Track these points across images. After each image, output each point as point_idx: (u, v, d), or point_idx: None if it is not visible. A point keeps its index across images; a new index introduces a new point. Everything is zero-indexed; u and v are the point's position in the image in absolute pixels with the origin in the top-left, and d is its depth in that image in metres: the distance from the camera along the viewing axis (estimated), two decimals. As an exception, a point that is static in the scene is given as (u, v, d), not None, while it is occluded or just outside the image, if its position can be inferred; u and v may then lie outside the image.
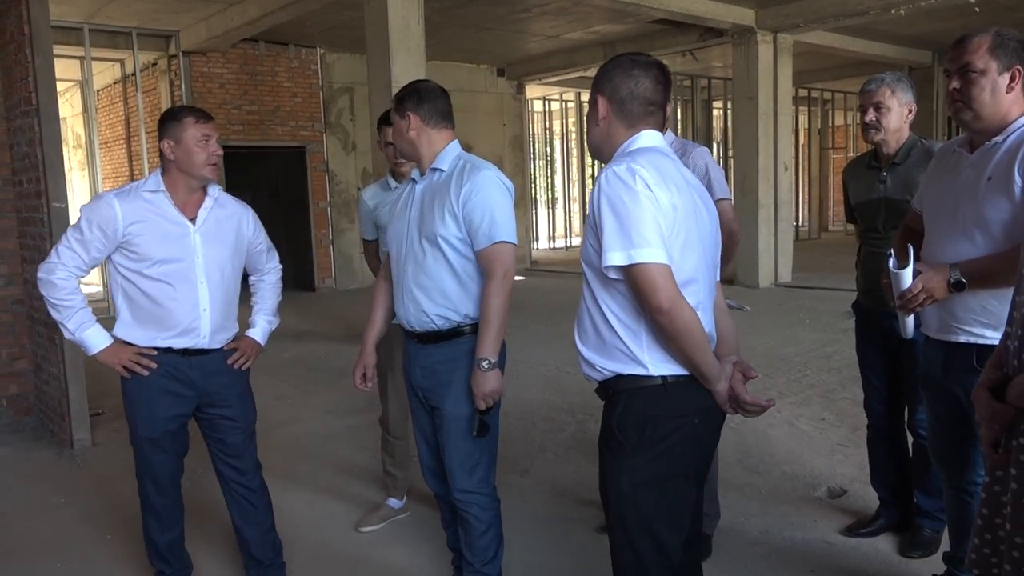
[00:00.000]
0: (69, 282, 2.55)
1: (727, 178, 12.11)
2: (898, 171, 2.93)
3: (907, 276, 2.24)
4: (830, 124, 18.80)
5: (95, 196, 2.56)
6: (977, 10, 9.54)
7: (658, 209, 1.74)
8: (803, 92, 16.30)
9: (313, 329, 8.50)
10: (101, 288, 10.55)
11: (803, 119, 17.48)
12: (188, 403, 2.65)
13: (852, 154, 17.65)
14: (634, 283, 1.74)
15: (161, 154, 2.58)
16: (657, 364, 1.82)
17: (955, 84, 2.18)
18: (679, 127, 15.45)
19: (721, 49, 11.59)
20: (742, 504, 3.49)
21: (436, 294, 2.44)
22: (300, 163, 11.59)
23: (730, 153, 14.71)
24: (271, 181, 12.26)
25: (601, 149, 1.97)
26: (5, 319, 4.99)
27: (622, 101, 1.90)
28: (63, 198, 4.48)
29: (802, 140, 18.00)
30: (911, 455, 3.13)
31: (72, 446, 4.53)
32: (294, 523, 3.12)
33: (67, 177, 4.66)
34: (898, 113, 2.88)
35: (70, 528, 3.52)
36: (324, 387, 6.01)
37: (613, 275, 1.78)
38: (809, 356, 6.44)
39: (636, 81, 1.89)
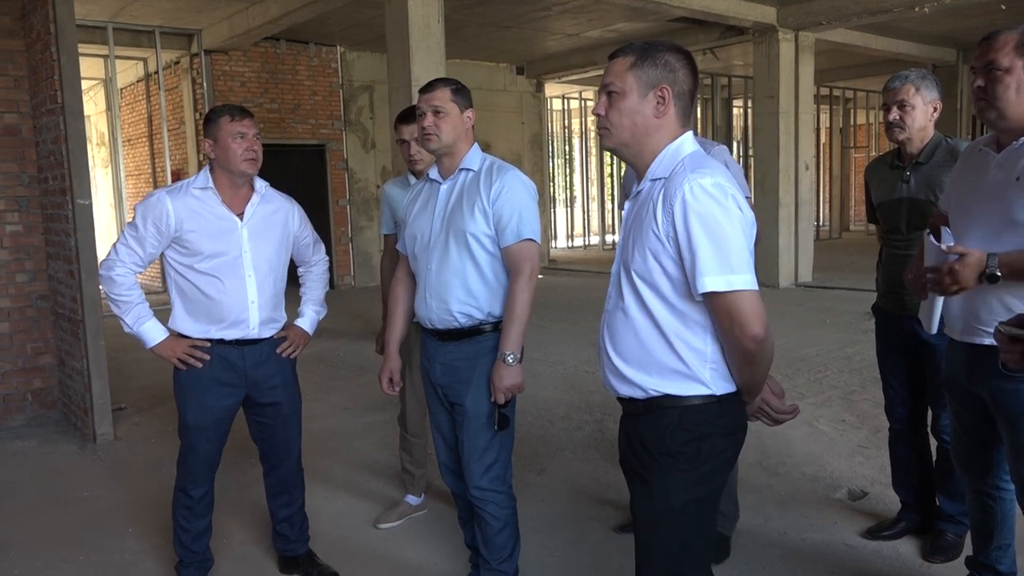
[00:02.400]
0: (127, 278, 2.68)
1: (747, 177, 12.08)
2: (922, 171, 2.87)
3: (947, 241, 2.18)
4: (852, 123, 18.65)
5: (148, 195, 2.71)
6: (1003, 7, 9.42)
7: (746, 229, 1.70)
8: (824, 91, 16.16)
9: (332, 326, 8.52)
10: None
11: (824, 118, 17.32)
12: (237, 394, 2.77)
13: (874, 153, 17.48)
14: (727, 309, 1.66)
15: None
16: (717, 383, 1.76)
17: (979, 82, 2.14)
18: (699, 126, 15.35)
19: (742, 47, 11.52)
20: (761, 505, 3.47)
21: (461, 292, 2.45)
22: (320, 161, 11.65)
23: (750, 152, 14.64)
24: (291, 179, 12.25)
25: (643, 143, 1.80)
26: (30, 314, 5.06)
27: (683, 96, 1.79)
28: (87, 195, 4.54)
29: (823, 139, 17.86)
30: (935, 459, 3.09)
31: (94, 440, 4.58)
32: (313, 519, 3.14)
33: (91, 174, 4.71)
34: (923, 111, 2.82)
35: (92, 521, 3.56)
36: (343, 384, 6.04)
37: (698, 299, 1.69)
38: (829, 357, 6.39)
39: (694, 78, 1.81)
